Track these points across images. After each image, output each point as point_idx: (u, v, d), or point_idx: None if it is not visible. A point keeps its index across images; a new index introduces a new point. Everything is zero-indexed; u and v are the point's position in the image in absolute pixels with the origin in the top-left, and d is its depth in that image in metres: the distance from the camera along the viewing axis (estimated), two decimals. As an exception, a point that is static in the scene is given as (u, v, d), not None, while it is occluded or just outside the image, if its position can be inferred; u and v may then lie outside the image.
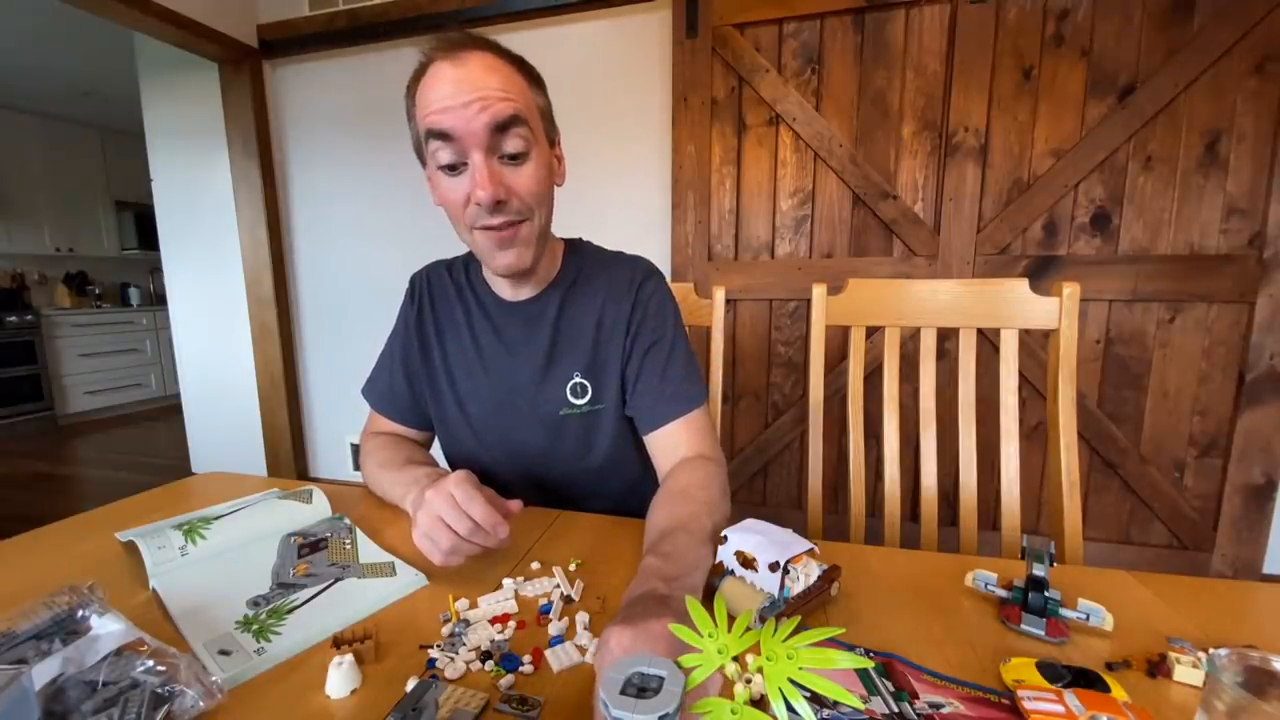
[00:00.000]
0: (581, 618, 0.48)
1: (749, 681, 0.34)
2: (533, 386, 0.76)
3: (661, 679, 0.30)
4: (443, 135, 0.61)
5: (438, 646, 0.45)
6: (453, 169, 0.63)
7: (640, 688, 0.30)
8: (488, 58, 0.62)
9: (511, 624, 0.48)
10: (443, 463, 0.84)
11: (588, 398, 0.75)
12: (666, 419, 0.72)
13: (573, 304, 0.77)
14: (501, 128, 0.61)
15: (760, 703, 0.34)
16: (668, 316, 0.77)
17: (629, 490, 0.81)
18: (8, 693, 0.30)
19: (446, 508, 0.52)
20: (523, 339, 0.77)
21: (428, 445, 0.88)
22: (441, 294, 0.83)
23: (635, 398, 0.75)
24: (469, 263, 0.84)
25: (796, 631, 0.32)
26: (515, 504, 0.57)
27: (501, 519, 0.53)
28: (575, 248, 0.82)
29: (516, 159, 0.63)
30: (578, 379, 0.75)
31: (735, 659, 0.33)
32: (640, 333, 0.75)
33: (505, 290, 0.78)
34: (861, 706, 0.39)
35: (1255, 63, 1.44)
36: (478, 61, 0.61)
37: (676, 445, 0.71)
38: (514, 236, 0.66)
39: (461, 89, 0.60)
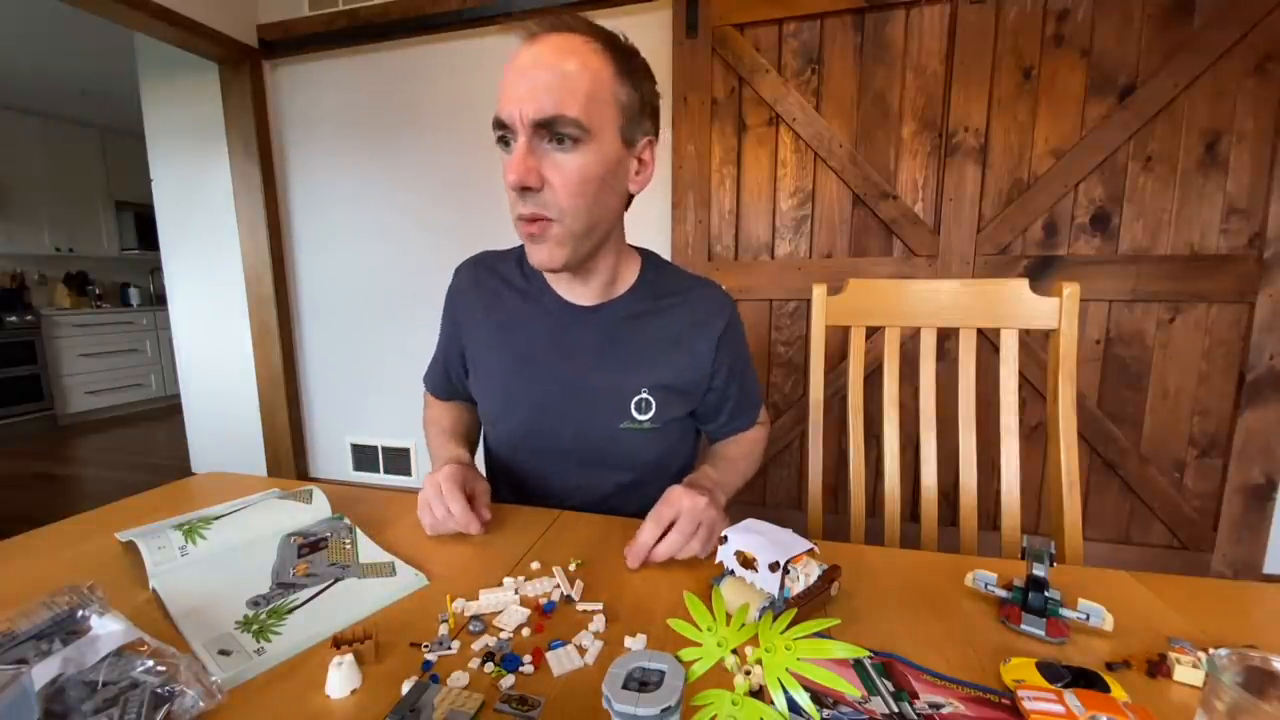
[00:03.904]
0: (597, 622, 0.48)
1: (748, 673, 0.34)
2: (590, 396, 0.74)
3: (662, 673, 0.30)
4: (500, 123, 0.61)
5: (437, 645, 0.45)
6: (505, 143, 0.62)
7: (642, 682, 0.30)
8: (572, 40, 0.59)
9: (526, 631, 0.48)
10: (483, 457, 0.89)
11: (650, 414, 0.73)
12: (743, 429, 0.83)
13: (648, 320, 0.75)
14: (543, 124, 0.59)
15: (760, 694, 0.34)
16: (747, 342, 0.83)
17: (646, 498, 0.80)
18: (8, 693, 0.30)
19: (432, 494, 0.63)
20: (585, 346, 0.74)
21: None
22: (491, 288, 0.79)
23: (720, 415, 0.81)
24: (524, 258, 0.79)
25: (793, 624, 0.32)
26: (486, 514, 0.65)
27: (474, 518, 0.62)
28: (652, 262, 0.79)
29: (563, 143, 0.60)
30: (644, 395, 0.73)
31: (734, 651, 0.33)
32: (730, 360, 0.78)
33: (568, 292, 0.75)
34: (858, 694, 0.39)
35: (1255, 63, 1.44)
36: (556, 44, 0.59)
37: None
38: (541, 233, 0.63)
39: (521, 78, 0.59)
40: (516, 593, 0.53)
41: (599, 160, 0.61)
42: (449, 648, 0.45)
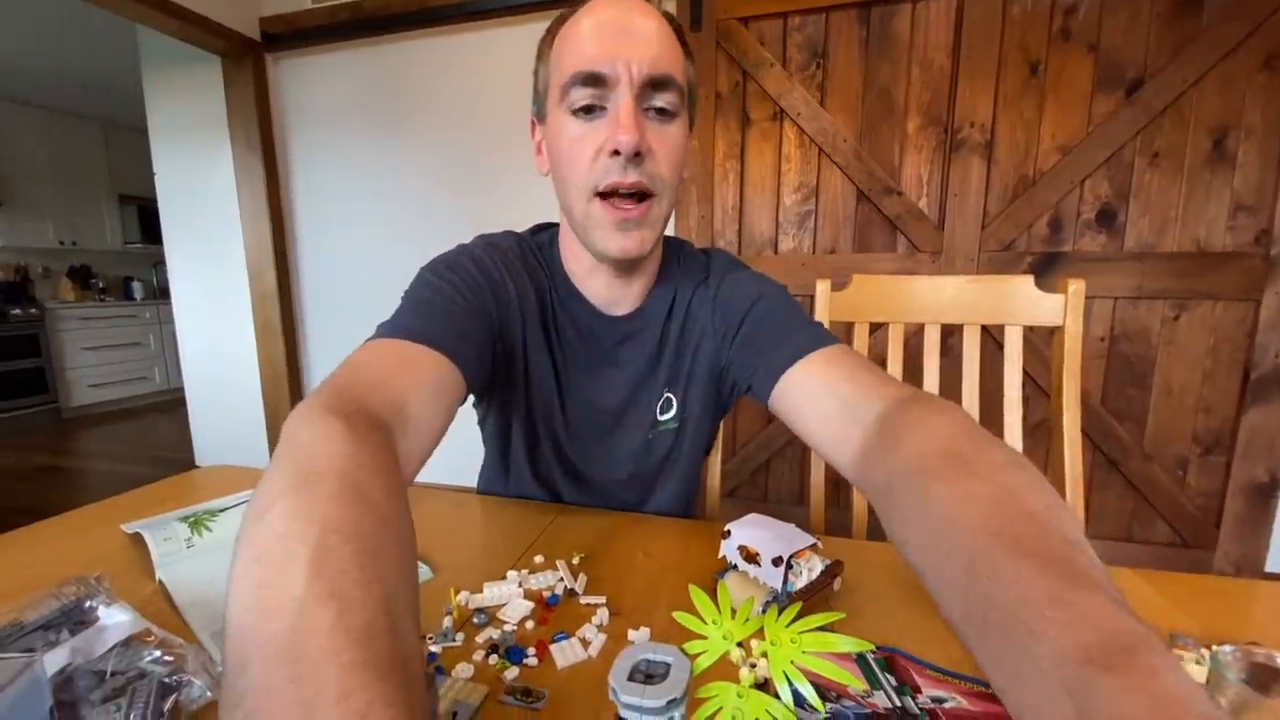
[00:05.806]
0: (601, 615, 0.48)
1: (754, 666, 0.34)
2: (620, 410, 0.69)
3: (668, 666, 0.30)
4: (592, 77, 0.51)
5: (441, 637, 0.45)
6: (589, 111, 0.53)
7: (647, 674, 0.30)
8: (654, 12, 0.54)
9: (530, 624, 0.48)
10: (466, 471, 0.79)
11: (673, 413, 0.69)
12: (801, 353, 0.56)
13: (667, 315, 0.68)
14: (657, 84, 0.52)
15: (765, 686, 0.34)
16: (759, 285, 0.66)
17: (675, 500, 0.76)
18: (22, 680, 0.31)
19: None
20: (614, 359, 0.68)
21: (444, 422, 0.50)
22: (534, 281, 0.65)
23: (753, 357, 0.60)
24: (543, 247, 0.68)
25: (797, 618, 0.32)
26: None
27: None
28: (674, 246, 0.71)
29: (664, 115, 0.54)
30: (666, 394, 0.69)
31: (740, 644, 0.33)
32: (741, 318, 0.64)
33: (603, 296, 0.65)
34: (863, 687, 0.39)
35: (1264, 58, 1.43)
36: (642, 7, 0.54)
37: (855, 380, 0.51)
38: (641, 216, 0.55)
39: (618, 29, 0.51)
40: (520, 586, 0.53)
41: (684, 137, 0.56)
42: (453, 640, 0.45)
